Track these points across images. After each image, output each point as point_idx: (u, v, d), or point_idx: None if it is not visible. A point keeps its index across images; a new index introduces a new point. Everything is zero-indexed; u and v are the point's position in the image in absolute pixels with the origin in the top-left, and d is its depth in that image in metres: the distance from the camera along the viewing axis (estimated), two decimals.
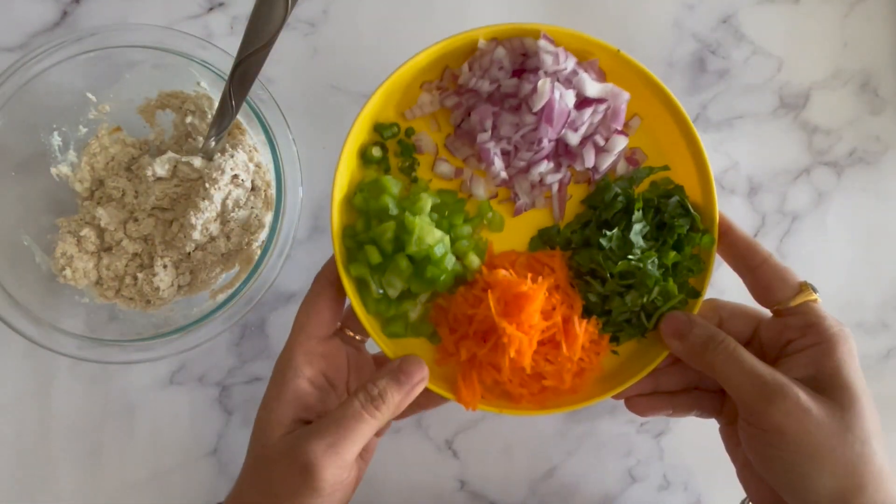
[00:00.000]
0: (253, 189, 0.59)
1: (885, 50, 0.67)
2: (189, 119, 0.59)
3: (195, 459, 0.63)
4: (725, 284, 0.66)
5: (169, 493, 0.63)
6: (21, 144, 0.58)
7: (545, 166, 0.51)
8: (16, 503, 0.63)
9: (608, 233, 0.49)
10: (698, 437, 0.64)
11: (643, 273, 0.48)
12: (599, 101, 0.50)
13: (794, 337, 0.47)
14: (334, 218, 0.48)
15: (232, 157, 0.57)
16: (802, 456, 0.42)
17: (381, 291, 0.48)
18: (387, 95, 0.50)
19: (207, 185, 0.56)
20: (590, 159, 0.51)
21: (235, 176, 0.57)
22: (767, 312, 0.50)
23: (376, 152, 0.51)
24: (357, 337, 0.52)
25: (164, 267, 0.58)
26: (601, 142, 0.51)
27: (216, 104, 0.54)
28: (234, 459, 0.64)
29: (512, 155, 0.51)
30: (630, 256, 0.48)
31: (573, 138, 0.50)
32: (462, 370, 0.49)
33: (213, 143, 0.56)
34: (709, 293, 0.65)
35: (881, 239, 0.67)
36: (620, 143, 0.51)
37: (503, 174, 0.51)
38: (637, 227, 0.49)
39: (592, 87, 0.50)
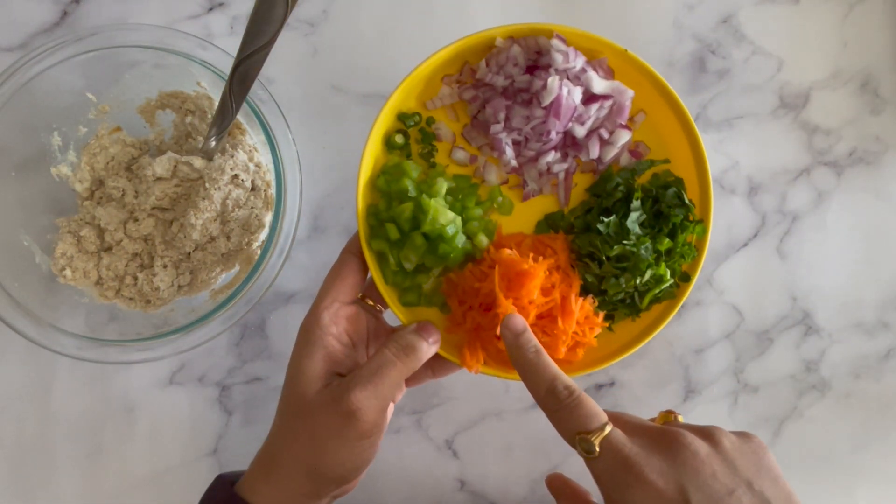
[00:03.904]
0: (253, 189, 0.59)
1: (885, 50, 0.67)
2: (189, 119, 0.59)
3: (195, 459, 0.63)
4: (725, 284, 0.66)
5: (169, 493, 0.63)
6: (21, 144, 0.58)
7: (552, 156, 0.55)
8: (16, 503, 0.63)
9: (606, 219, 0.53)
10: None
11: (636, 257, 0.52)
12: (605, 97, 0.54)
13: None
14: (359, 198, 0.52)
15: (232, 157, 0.57)
16: None
17: (398, 265, 0.53)
18: (410, 87, 0.54)
19: (207, 185, 0.56)
20: (594, 151, 0.54)
21: (235, 176, 0.57)
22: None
23: (399, 139, 0.55)
24: (377, 307, 0.55)
25: (164, 267, 0.59)
26: (606, 135, 0.54)
27: (216, 104, 0.54)
28: (234, 459, 0.64)
29: (522, 145, 0.55)
30: (625, 241, 0.52)
31: (580, 131, 0.54)
32: (468, 338, 0.53)
33: (213, 143, 0.56)
34: (708, 293, 0.66)
35: (881, 239, 0.67)
36: (624, 136, 0.54)
37: (513, 162, 0.55)
38: (634, 214, 0.53)
39: (599, 84, 0.53)
